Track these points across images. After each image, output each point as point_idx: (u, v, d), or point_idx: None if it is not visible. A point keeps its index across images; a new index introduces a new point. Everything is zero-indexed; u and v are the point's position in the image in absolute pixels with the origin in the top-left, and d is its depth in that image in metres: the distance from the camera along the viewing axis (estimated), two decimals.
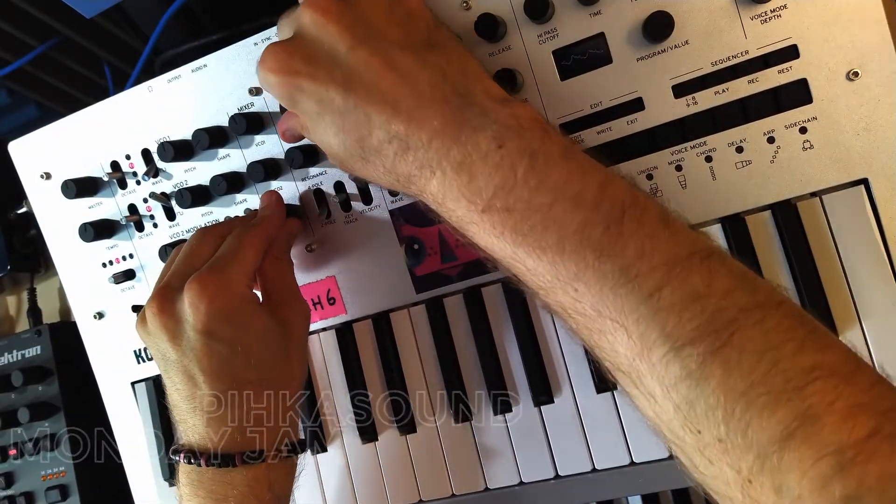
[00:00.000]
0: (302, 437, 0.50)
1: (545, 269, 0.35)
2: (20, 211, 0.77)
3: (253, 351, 0.45)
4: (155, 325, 0.44)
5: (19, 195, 0.66)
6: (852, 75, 0.43)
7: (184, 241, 0.55)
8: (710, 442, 0.31)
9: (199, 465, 0.44)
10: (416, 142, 0.37)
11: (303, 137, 0.47)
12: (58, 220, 0.59)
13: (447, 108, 0.37)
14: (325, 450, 0.56)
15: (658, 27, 0.44)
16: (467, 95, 0.38)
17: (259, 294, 0.48)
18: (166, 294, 0.44)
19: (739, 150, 0.45)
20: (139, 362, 0.59)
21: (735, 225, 0.46)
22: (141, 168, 0.56)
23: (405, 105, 0.37)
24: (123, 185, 0.57)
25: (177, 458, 0.45)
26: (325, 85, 0.38)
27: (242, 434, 0.44)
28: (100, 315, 0.60)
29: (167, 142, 0.53)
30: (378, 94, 0.38)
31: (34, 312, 0.79)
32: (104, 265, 0.59)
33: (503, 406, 0.50)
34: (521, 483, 0.51)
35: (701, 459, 0.32)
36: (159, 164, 0.56)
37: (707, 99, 0.45)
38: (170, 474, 0.59)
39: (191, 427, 0.45)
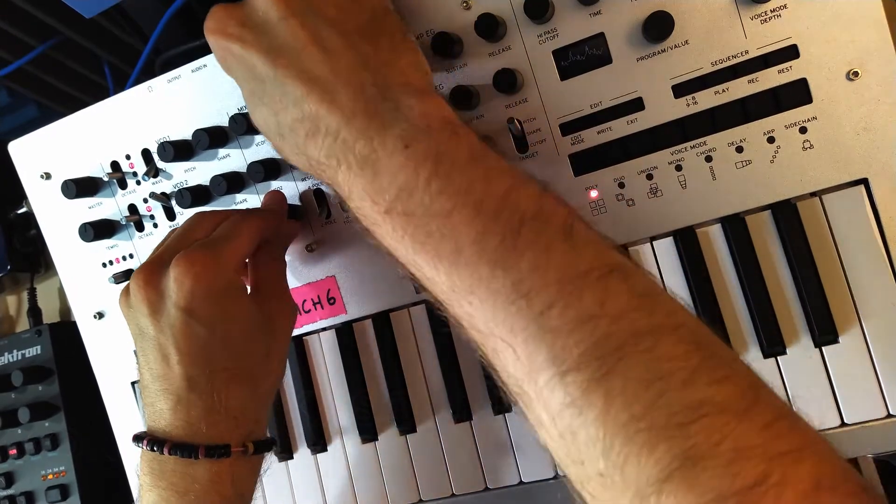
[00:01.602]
0: (269, 436, 0.49)
1: (442, 279, 0.34)
2: (20, 211, 0.77)
3: (232, 337, 0.44)
4: (137, 298, 0.43)
5: (19, 195, 0.66)
6: (852, 75, 0.43)
7: None
8: (592, 476, 0.29)
9: (162, 452, 0.42)
10: (325, 126, 0.36)
11: None
12: (58, 220, 0.59)
13: (361, 97, 0.36)
14: (325, 450, 0.56)
15: (658, 27, 0.44)
16: (385, 88, 0.36)
17: (248, 287, 0.48)
18: (153, 268, 0.43)
19: (739, 150, 0.45)
20: None
21: (735, 225, 0.46)
22: (141, 168, 0.56)
23: (320, 84, 0.36)
24: (123, 185, 0.57)
25: (139, 443, 0.43)
26: (251, 50, 0.38)
27: (210, 424, 0.43)
28: (100, 315, 0.60)
29: (167, 142, 0.53)
30: (298, 67, 0.37)
31: (34, 312, 0.79)
32: (104, 265, 0.59)
33: (503, 406, 0.50)
34: (521, 483, 0.51)
35: (585, 493, 0.30)
36: (159, 164, 0.56)
37: (707, 99, 0.45)
38: None
39: (158, 411, 0.43)
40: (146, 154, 0.56)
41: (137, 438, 0.44)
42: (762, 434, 0.27)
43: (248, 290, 0.48)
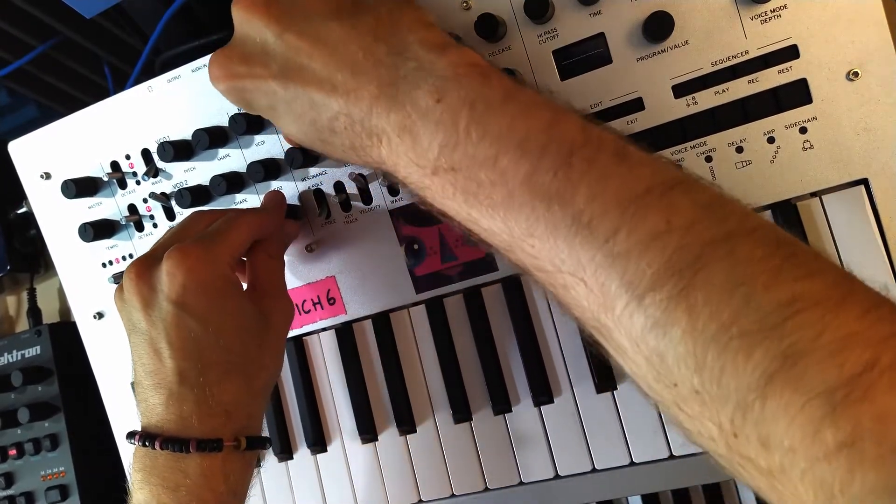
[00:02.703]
0: (266, 434, 0.48)
1: (499, 227, 0.33)
2: (20, 211, 0.77)
3: (225, 332, 0.43)
4: (130, 292, 0.43)
5: (19, 195, 0.66)
6: (852, 75, 0.43)
7: None
8: (687, 395, 0.28)
9: (153, 447, 0.42)
10: (358, 112, 0.36)
11: None
12: (58, 220, 0.59)
13: (382, 70, 0.35)
14: (325, 450, 0.56)
15: (658, 27, 0.44)
16: (402, 51, 0.36)
17: (245, 284, 0.48)
18: (146, 262, 0.43)
19: (739, 150, 0.45)
20: None
21: None
22: (141, 168, 0.56)
23: (340, 77, 0.36)
24: (123, 185, 0.57)
25: (132, 440, 0.43)
26: (264, 80, 0.39)
27: (201, 418, 0.42)
28: (100, 315, 0.60)
29: (167, 142, 0.53)
30: (313, 74, 0.37)
31: (34, 312, 0.79)
32: (104, 265, 0.59)
33: (503, 406, 0.50)
34: (521, 483, 0.51)
35: (682, 415, 0.29)
36: (159, 164, 0.56)
37: (707, 99, 0.45)
38: None
39: (150, 407, 0.43)
40: (146, 154, 0.56)
41: (130, 435, 0.44)
42: (862, 321, 0.25)
43: (245, 287, 0.48)
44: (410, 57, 0.35)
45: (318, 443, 0.55)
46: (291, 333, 0.56)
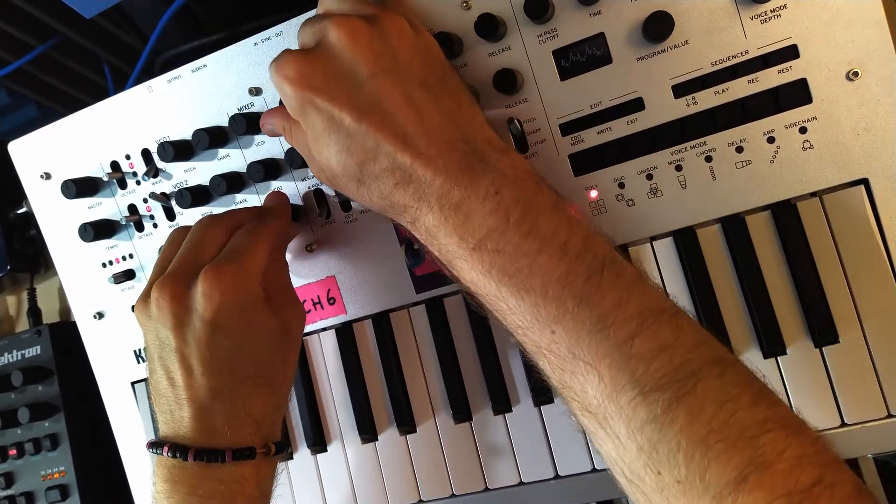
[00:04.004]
0: (284, 438, 0.49)
1: (527, 309, 0.37)
2: (20, 211, 0.77)
3: (256, 348, 0.45)
4: (161, 310, 0.43)
5: (19, 195, 0.66)
6: (852, 75, 0.43)
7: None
8: (670, 483, 0.33)
9: (186, 458, 0.42)
10: (420, 177, 0.38)
11: (280, 135, 0.47)
12: (58, 220, 0.59)
13: (454, 151, 0.39)
14: (325, 450, 0.56)
15: (658, 27, 0.44)
16: (472, 142, 0.40)
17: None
18: (178, 280, 0.44)
19: (739, 150, 0.45)
20: (139, 362, 0.59)
21: (735, 225, 0.46)
22: (141, 168, 0.56)
23: (416, 140, 0.38)
24: (123, 185, 0.57)
25: (158, 451, 0.43)
26: (339, 106, 0.39)
27: (233, 429, 0.44)
28: (100, 315, 0.60)
29: (167, 142, 0.53)
30: (392, 124, 0.38)
31: (34, 312, 0.79)
32: (104, 265, 0.59)
33: (503, 406, 0.50)
34: (521, 483, 0.51)
35: (660, 499, 0.34)
36: (159, 164, 0.56)
37: (707, 99, 0.45)
38: None
39: (177, 419, 0.44)
40: (146, 154, 0.56)
41: (156, 445, 0.44)
42: (813, 446, 0.33)
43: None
44: (478, 150, 0.39)
45: (318, 443, 0.55)
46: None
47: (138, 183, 0.57)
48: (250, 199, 0.55)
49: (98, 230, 0.57)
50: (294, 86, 0.40)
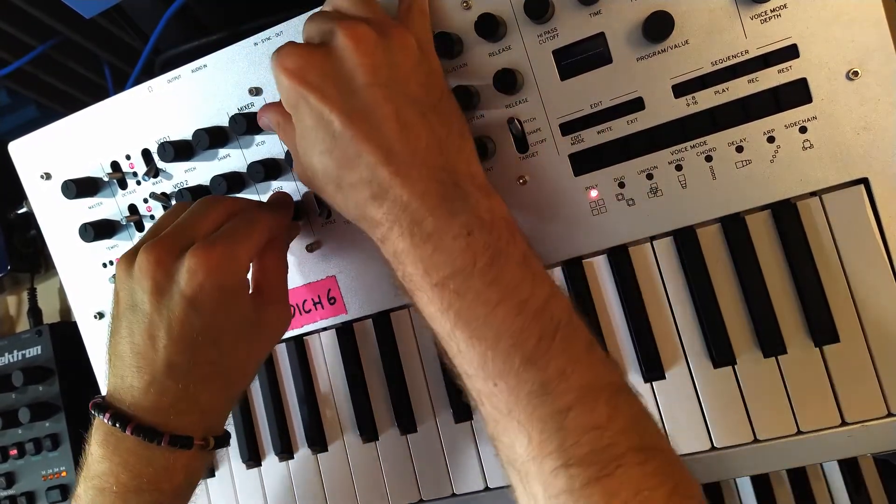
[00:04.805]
0: (226, 431, 0.49)
1: (475, 357, 0.37)
2: (20, 211, 0.77)
3: (225, 335, 0.44)
4: (144, 273, 0.42)
5: (19, 195, 0.66)
6: (852, 75, 0.43)
7: None
8: None
9: (124, 430, 0.42)
10: (397, 196, 0.38)
11: (273, 129, 0.48)
12: (58, 220, 0.59)
13: (434, 179, 0.38)
14: (325, 450, 0.56)
15: (658, 27, 0.44)
16: (455, 174, 0.39)
17: (251, 285, 0.48)
18: (169, 248, 0.43)
19: (739, 149, 0.45)
20: None
21: (735, 225, 0.46)
22: (141, 168, 0.56)
23: (398, 158, 0.38)
24: (123, 186, 0.57)
25: (101, 414, 0.43)
26: (330, 107, 0.39)
27: (178, 413, 0.43)
28: (100, 315, 0.60)
29: (167, 142, 0.53)
30: (377, 136, 0.38)
31: (34, 312, 0.79)
32: (104, 265, 0.59)
33: None
34: None
35: None
36: (159, 164, 0.56)
37: (707, 99, 0.45)
38: None
39: (127, 386, 0.43)
40: (146, 154, 0.56)
41: (99, 408, 0.43)
42: None
43: (252, 289, 0.48)
44: (460, 184, 0.39)
45: (319, 443, 0.55)
46: (292, 333, 0.56)
47: (139, 183, 0.57)
48: (251, 198, 0.55)
49: (98, 230, 0.57)
50: (291, 78, 0.40)
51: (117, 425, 0.42)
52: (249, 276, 0.48)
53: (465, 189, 0.39)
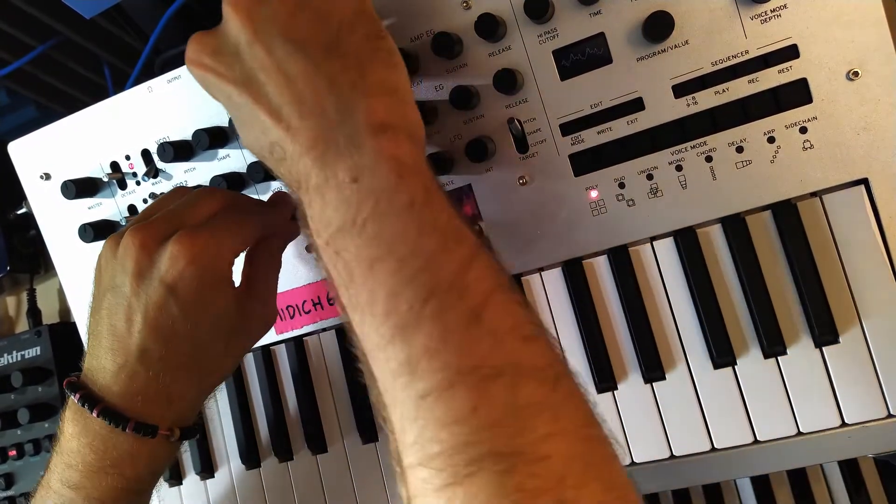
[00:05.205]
0: (196, 423, 0.48)
1: (355, 328, 0.33)
2: (20, 211, 0.77)
3: (201, 326, 0.43)
4: (128, 255, 0.42)
5: (19, 195, 0.66)
6: (852, 75, 0.43)
7: None
8: None
9: (91, 412, 0.42)
10: (291, 153, 0.36)
11: None
12: (57, 220, 0.59)
13: (323, 123, 0.35)
14: (325, 450, 0.56)
15: (658, 27, 0.44)
16: (347, 112, 0.35)
17: (239, 280, 0.48)
18: (154, 232, 0.43)
19: (739, 150, 0.45)
20: None
21: (735, 225, 0.46)
22: (141, 168, 0.56)
23: (286, 112, 0.35)
24: (123, 186, 0.57)
25: (72, 393, 0.43)
26: (225, 81, 0.38)
27: (146, 401, 0.43)
28: None
29: (167, 142, 0.53)
30: (266, 96, 0.36)
31: (34, 313, 0.79)
32: None
33: None
34: None
35: None
36: (159, 164, 0.56)
37: (707, 99, 0.45)
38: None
39: (100, 367, 0.43)
40: (146, 154, 0.56)
41: (72, 387, 0.44)
42: None
43: (238, 284, 0.48)
44: (350, 122, 0.34)
45: (319, 443, 0.55)
46: (292, 333, 0.56)
47: (138, 183, 0.57)
48: (249, 195, 0.54)
49: (98, 231, 0.57)
50: (192, 66, 0.39)
51: (85, 406, 0.43)
52: (239, 271, 0.48)
53: (355, 126, 0.34)
